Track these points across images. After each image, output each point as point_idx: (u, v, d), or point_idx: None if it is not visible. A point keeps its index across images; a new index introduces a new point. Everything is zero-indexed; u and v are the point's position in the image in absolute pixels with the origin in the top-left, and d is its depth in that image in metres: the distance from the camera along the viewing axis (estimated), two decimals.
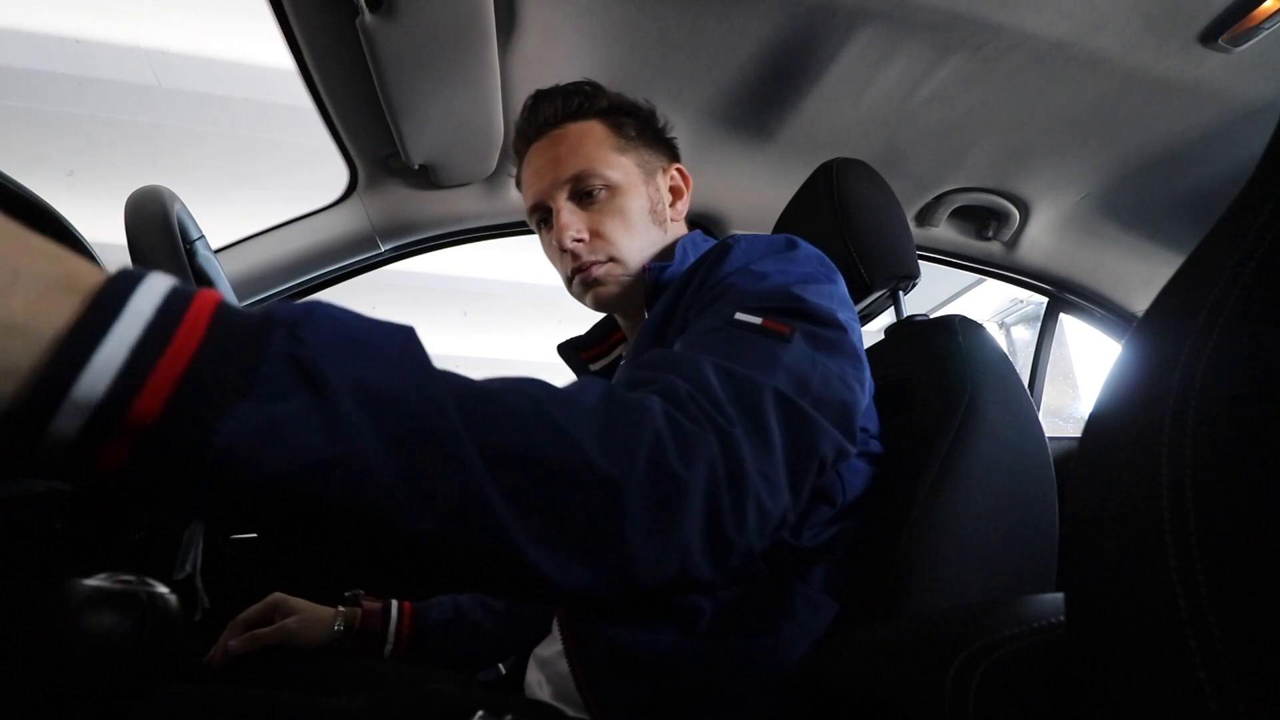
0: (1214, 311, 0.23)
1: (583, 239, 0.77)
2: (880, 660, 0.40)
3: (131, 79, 2.49)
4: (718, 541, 0.42)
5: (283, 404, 0.29)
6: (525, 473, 0.36)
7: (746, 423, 0.46)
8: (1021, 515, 0.64)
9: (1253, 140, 1.14)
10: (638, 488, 0.39)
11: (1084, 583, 0.26)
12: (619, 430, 0.40)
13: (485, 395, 0.36)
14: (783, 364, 0.51)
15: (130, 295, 0.28)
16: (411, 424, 0.33)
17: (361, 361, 0.32)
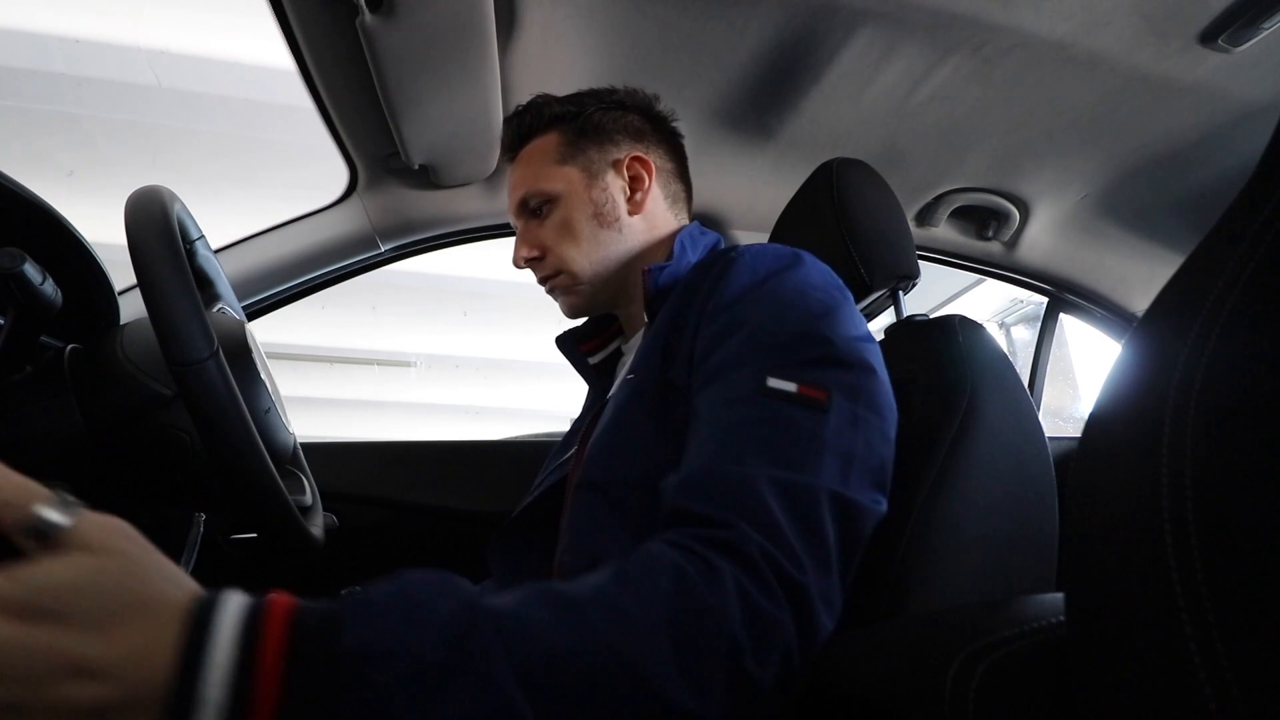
0: (1214, 311, 0.23)
1: (532, 256, 0.81)
2: (880, 660, 0.40)
3: (131, 79, 2.49)
4: (747, 694, 0.42)
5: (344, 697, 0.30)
6: (562, 693, 0.35)
7: (813, 556, 0.46)
8: (1021, 515, 0.64)
9: (1253, 140, 1.14)
10: (718, 710, 0.39)
11: (1084, 583, 0.26)
12: (698, 653, 0.39)
13: (554, 664, 0.36)
14: (828, 445, 0.51)
15: (196, 685, 0.28)
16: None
17: (434, 700, 0.32)
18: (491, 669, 0.34)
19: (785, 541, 0.46)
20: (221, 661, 0.29)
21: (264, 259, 1.21)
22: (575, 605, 0.39)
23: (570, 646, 0.37)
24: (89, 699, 0.26)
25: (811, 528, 0.47)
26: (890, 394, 0.60)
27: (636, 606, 0.40)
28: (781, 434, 0.52)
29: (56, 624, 0.26)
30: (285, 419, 0.80)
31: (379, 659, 0.32)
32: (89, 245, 0.72)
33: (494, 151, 1.16)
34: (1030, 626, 0.33)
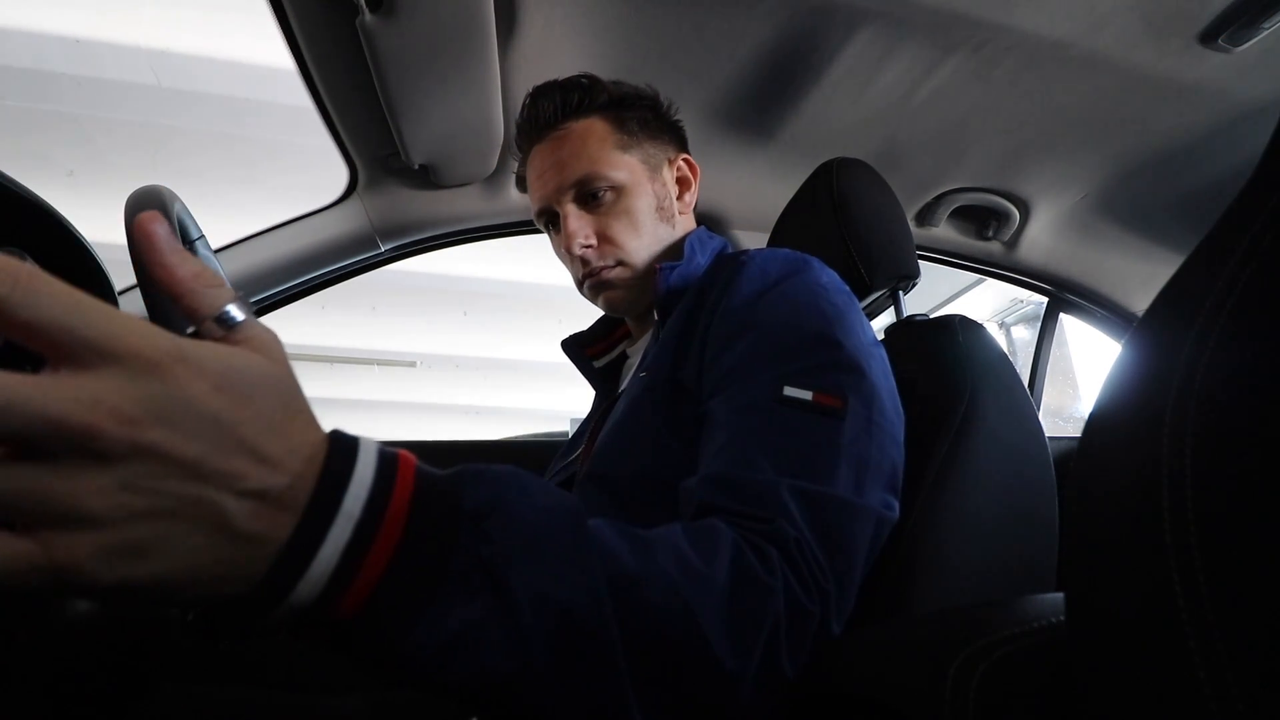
0: (1214, 311, 0.23)
1: (591, 245, 0.76)
2: (880, 660, 0.40)
3: (132, 79, 2.49)
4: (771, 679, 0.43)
5: (467, 609, 0.32)
6: (659, 664, 0.37)
7: (834, 568, 0.47)
8: (1021, 515, 0.64)
9: (1253, 140, 1.14)
10: (749, 679, 0.40)
11: (1084, 583, 0.26)
12: (746, 618, 0.41)
13: (633, 582, 0.38)
14: (844, 453, 0.52)
15: (343, 495, 0.30)
16: (578, 633, 0.34)
17: (541, 566, 0.34)
18: (587, 559, 0.36)
19: (812, 548, 0.47)
20: (365, 480, 0.31)
21: (264, 259, 1.21)
22: (645, 541, 0.41)
23: (639, 571, 0.38)
24: (255, 480, 0.27)
25: (831, 537, 0.48)
26: (897, 397, 0.61)
27: (699, 559, 0.42)
28: (799, 443, 0.52)
29: (244, 405, 0.27)
30: None
31: (495, 517, 0.34)
32: (89, 245, 0.72)
33: (494, 151, 1.16)
34: (1030, 626, 0.33)
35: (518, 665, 0.32)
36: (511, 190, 1.30)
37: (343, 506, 0.30)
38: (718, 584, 0.41)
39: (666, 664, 0.38)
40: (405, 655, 0.31)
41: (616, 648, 0.35)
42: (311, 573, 0.29)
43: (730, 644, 0.40)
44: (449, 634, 0.31)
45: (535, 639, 0.33)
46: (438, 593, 0.31)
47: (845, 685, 0.42)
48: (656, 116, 0.82)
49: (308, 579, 0.29)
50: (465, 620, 0.32)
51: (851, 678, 0.42)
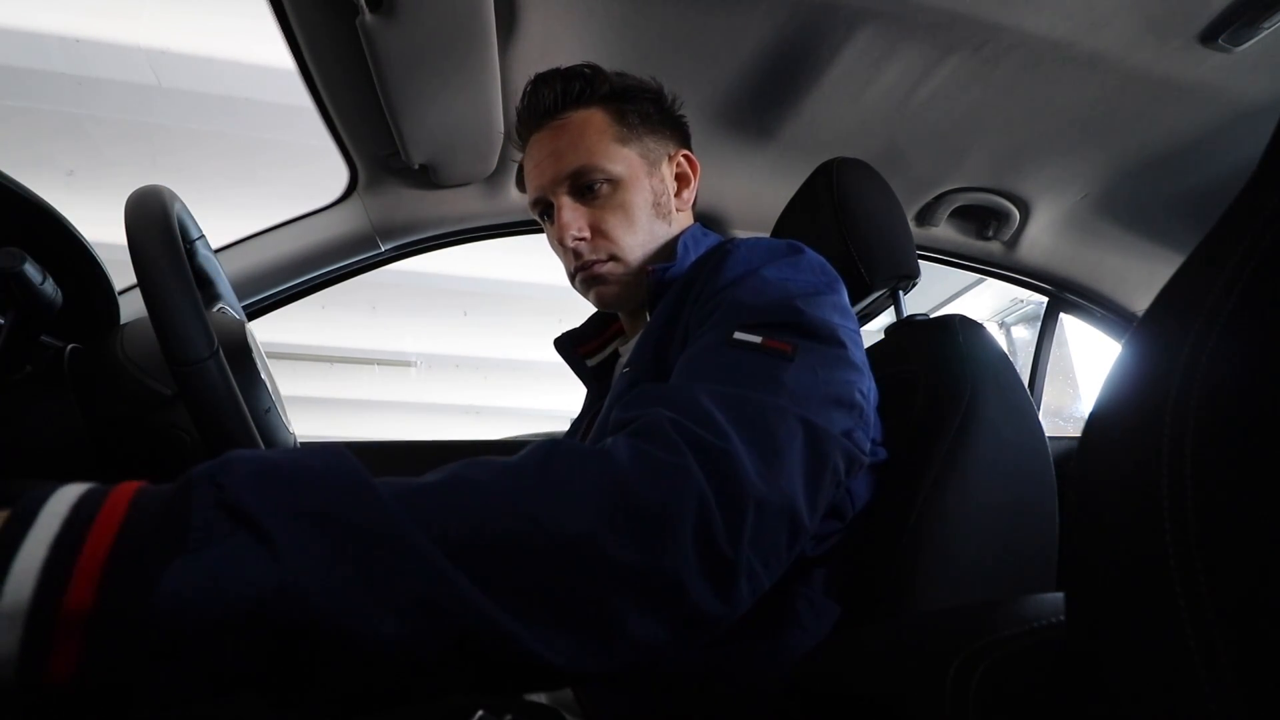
0: (1214, 311, 0.23)
1: (584, 237, 0.75)
2: (880, 660, 0.40)
3: (131, 79, 2.49)
4: (716, 562, 0.40)
5: (219, 548, 0.29)
6: (487, 555, 0.35)
7: (746, 436, 0.44)
8: (1021, 515, 0.64)
9: (1253, 140, 1.14)
10: (606, 537, 0.37)
11: (1084, 582, 0.26)
12: (572, 486, 0.39)
13: (424, 490, 0.36)
14: (785, 384, 0.49)
15: (44, 502, 0.29)
16: (355, 533, 0.32)
17: (288, 489, 0.32)
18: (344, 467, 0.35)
19: (709, 418, 0.44)
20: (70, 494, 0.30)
21: (264, 259, 1.21)
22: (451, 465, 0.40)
23: (430, 480, 0.37)
24: None
25: (746, 417, 0.45)
26: (864, 366, 0.58)
27: (513, 461, 0.40)
28: (738, 371, 0.50)
29: None
30: (285, 419, 0.80)
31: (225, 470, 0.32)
32: (89, 245, 0.72)
33: (494, 151, 1.16)
34: (1030, 626, 0.33)
35: (287, 573, 0.30)
36: (511, 190, 1.30)
37: (46, 507, 0.29)
38: (530, 469, 0.39)
39: (487, 547, 0.35)
40: (163, 617, 0.28)
41: (413, 536, 0.33)
42: (18, 566, 0.27)
43: (558, 511, 0.37)
44: (201, 573, 0.29)
45: (299, 546, 0.31)
46: (180, 547, 0.29)
47: (845, 685, 0.42)
48: (659, 110, 0.81)
49: (14, 575, 0.27)
50: (218, 556, 0.29)
51: (852, 678, 0.42)
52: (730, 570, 0.40)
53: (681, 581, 0.38)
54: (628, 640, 0.37)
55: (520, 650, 0.34)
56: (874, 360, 0.81)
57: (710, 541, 0.39)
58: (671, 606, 0.38)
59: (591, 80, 0.77)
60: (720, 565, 0.40)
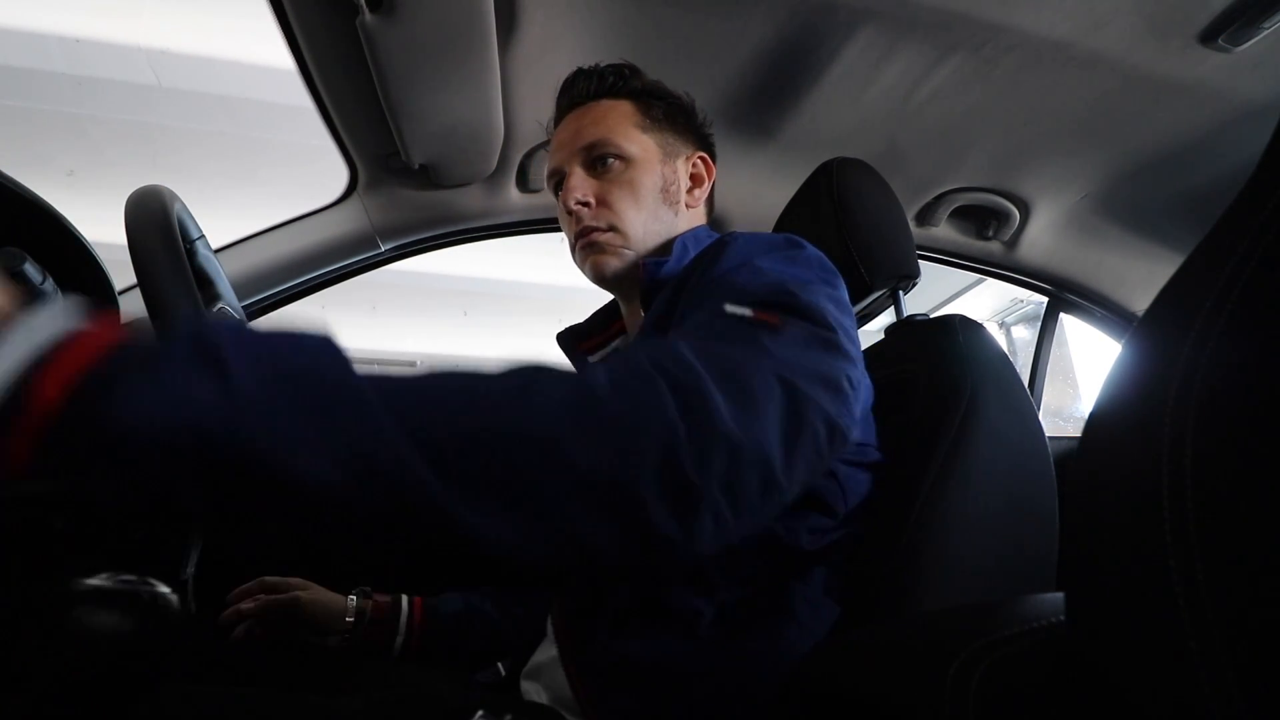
0: (1214, 311, 0.23)
1: (587, 203, 0.77)
2: (880, 660, 0.40)
3: (131, 79, 2.49)
4: (678, 485, 0.39)
5: (179, 371, 0.32)
6: (445, 435, 0.35)
7: (722, 384, 0.44)
8: (1021, 515, 0.64)
9: (1253, 140, 1.14)
10: (570, 441, 0.37)
11: (1084, 582, 0.26)
12: (545, 393, 0.39)
13: (398, 376, 0.37)
14: (769, 349, 0.49)
15: (25, 320, 0.32)
16: (314, 386, 0.34)
17: (265, 343, 0.34)
18: (313, 339, 0.37)
19: (688, 365, 0.44)
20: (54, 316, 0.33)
21: (264, 259, 1.21)
22: None
23: (406, 379, 0.38)
24: None
25: (726, 372, 0.45)
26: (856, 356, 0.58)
27: (492, 371, 0.41)
28: (723, 336, 0.51)
29: None
30: None
31: (209, 325, 0.35)
32: (89, 245, 0.72)
33: (494, 151, 1.16)
34: (1030, 626, 0.33)
35: (236, 403, 0.32)
36: (512, 190, 1.30)
37: (25, 323, 0.32)
38: (506, 375, 0.40)
39: (448, 432, 0.36)
40: (110, 429, 0.30)
41: (372, 402, 0.34)
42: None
43: (523, 407, 0.38)
44: (159, 393, 0.31)
45: (255, 384, 0.32)
46: (149, 372, 0.32)
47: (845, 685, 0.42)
48: (686, 118, 0.86)
49: None
50: (178, 377, 0.32)
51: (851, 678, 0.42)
52: (693, 498, 0.40)
53: (640, 495, 0.38)
54: (576, 544, 0.37)
55: (460, 530, 0.34)
56: (874, 361, 0.81)
57: (675, 465, 0.39)
58: (627, 519, 0.38)
59: (626, 76, 0.83)
60: (683, 490, 0.40)
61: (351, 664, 0.79)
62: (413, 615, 0.87)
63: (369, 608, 0.86)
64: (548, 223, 1.36)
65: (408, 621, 0.86)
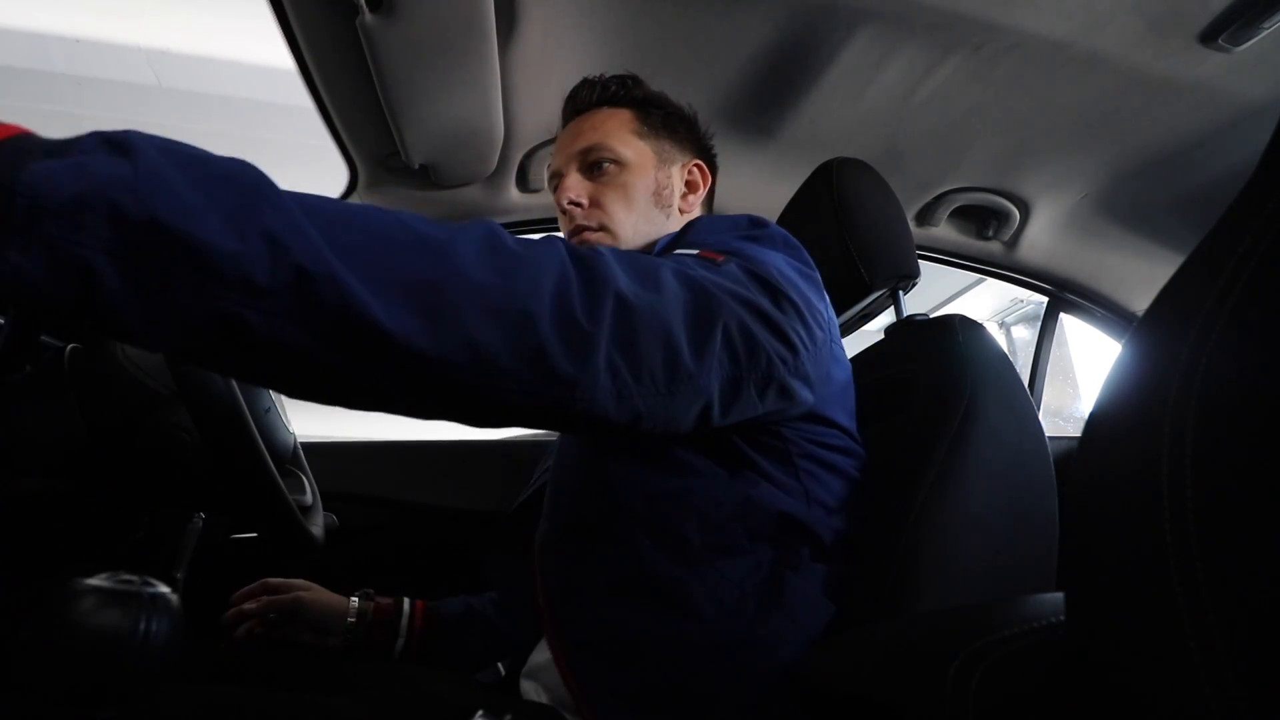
0: (1214, 311, 0.23)
1: (580, 203, 0.80)
2: (880, 660, 0.40)
3: (131, 79, 2.49)
4: (569, 322, 0.43)
5: (89, 156, 0.33)
6: (348, 229, 0.38)
7: (626, 265, 0.47)
8: (1021, 515, 0.64)
9: (1253, 140, 1.14)
10: (468, 258, 0.40)
11: (1084, 582, 0.26)
12: (455, 229, 0.42)
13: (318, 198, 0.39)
14: (695, 270, 0.52)
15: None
16: (220, 174, 0.36)
17: (179, 148, 0.36)
18: (245, 165, 0.39)
19: (597, 251, 0.48)
20: None
21: None
22: None
23: (335, 202, 0.40)
24: None
25: (640, 266, 0.49)
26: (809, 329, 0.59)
27: None
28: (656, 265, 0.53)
29: None
30: (285, 419, 0.80)
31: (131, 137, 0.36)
32: None
33: (494, 151, 1.16)
34: (1030, 626, 0.33)
35: (141, 170, 0.33)
36: (512, 190, 1.30)
37: None
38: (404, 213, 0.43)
39: (360, 232, 0.38)
40: (24, 188, 0.31)
41: (284, 201, 0.36)
42: None
43: (427, 226, 0.41)
44: (68, 165, 0.32)
45: (163, 162, 0.34)
46: (60, 154, 0.33)
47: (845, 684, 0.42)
48: (685, 126, 0.88)
49: None
50: (87, 157, 0.33)
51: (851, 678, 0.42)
52: (585, 340, 0.43)
53: (531, 315, 0.41)
54: (473, 346, 0.40)
55: (357, 305, 0.36)
56: (874, 360, 0.81)
57: (566, 302, 0.43)
58: (519, 335, 0.41)
59: (628, 85, 0.86)
60: (574, 328, 0.43)
61: (351, 665, 0.79)
62: (414, 617, 0.87)
63: (370, 609, 0.86)
64: (547, 223, 1.36)
65: (409, 623, 0.86)
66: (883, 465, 0.69)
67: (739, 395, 0.53)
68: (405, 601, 0.88)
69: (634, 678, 0.57)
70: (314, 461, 0.95)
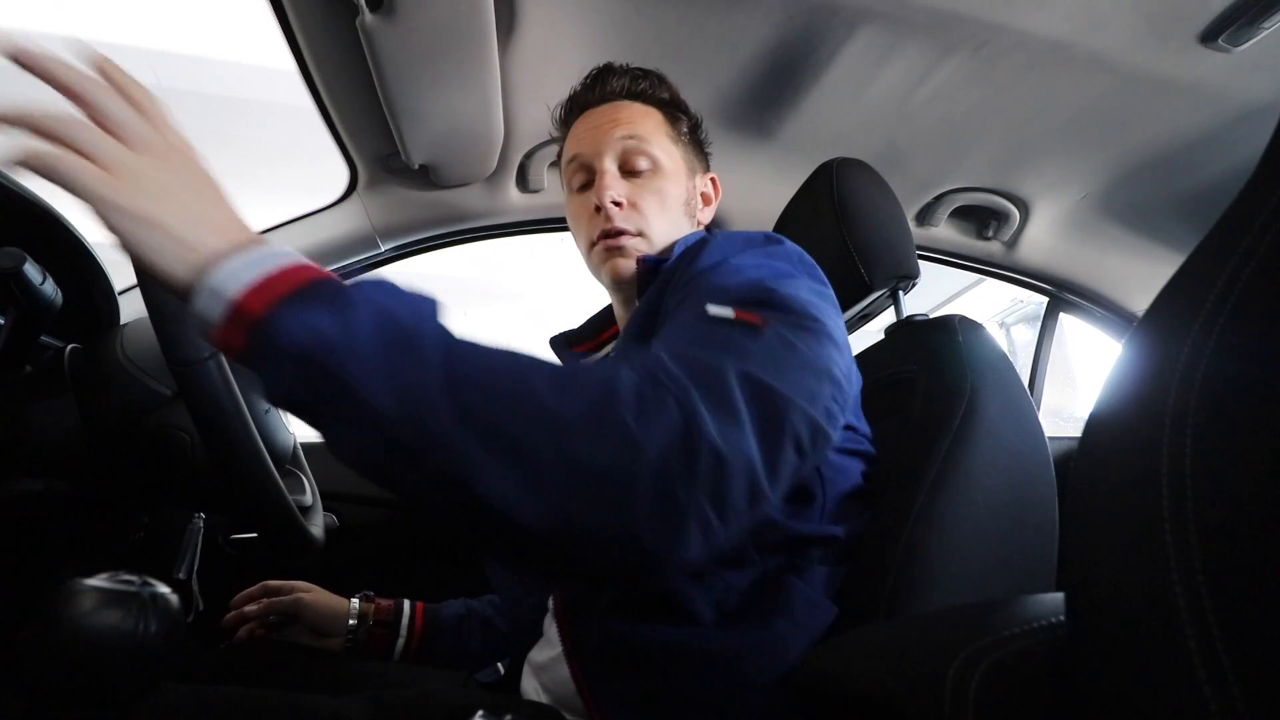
0: (1214, 311, 0.23)
1: (621, 203, 0.76)
2: (880, 660, 0.40)
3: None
4: (668, 504, 0.42)
5: (319, 313, 0.41)
6: (479, 391, 0.42)
7: (706, 394, 0.46)
8: (1021, 515, 0.64)
9: (1253, 140, 1.14)
10: (581, 427, 0.42)
11: (1084, 583, 0.26)
12: (579, 382, 0.44)
13: (469, 339, 0.45)
14: (751, 351, 0.51)
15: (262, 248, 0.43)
16: (400, 328, 0.43)
17: (386, 292, 0.45)
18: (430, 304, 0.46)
19: (673, 373, 0.47)
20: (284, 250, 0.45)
21: None
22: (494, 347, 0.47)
23: (485, 345, 0.45)
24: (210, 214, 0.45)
25: (709, 382, 0.47)
26: (841, 350, 0.58)
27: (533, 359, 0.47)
28: (707, 342, 0.52)
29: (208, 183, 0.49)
30: (285, 419, 0.80)
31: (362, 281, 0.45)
32: (89, 245, 0.72)
33: (494, 151, 1.16)
34: (1030, 626, 0.33)
35: (344, 337, 0.41)
36: (512, 190, 1.30)
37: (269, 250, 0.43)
38: (548, 363, 0.46)
39: (487, 387, 0.42)
40: (269, 331, 0.40)
41: (432, 356, 0.42)
42: (238, 263, 0.42)
43: (553, 389, 0.43)
44: (307, 325, 0.41)
45: (363, 323, 0.41)
46: (306, 305, 0.41)
47: (845, 685, 0.42)
48: (695, 135, 0.87)
49: (224, 271, 0.41)
50: (315, 312, 0.41)
51: (851, 678, 0.42)
52: (680, 513, 0.43)
53: (631, 499, 0.42)
54: (563, 510, 0.41)
55: (468, 471, 0.40)
56: (874, 360, 0.81)
57: (667, 480, 0.43)
58: (615, 515, 0.42)
59: (658, 83, 0.83)
60: (671, 505, 0.43)
61: (352, 665, 0.79)
62: (414, 618, 0.87)
63: (371, 611, 0.86)
64: (548, 223, 1.36)
65: (409, 624, 0.86)
66: (883, 465, 0.69)
67: (796, 474, 0.52)
68: (405, 603, 0.88)
69: (639, 684, 0.57)
70: (314, 461, 0.95)
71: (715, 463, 0.44)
